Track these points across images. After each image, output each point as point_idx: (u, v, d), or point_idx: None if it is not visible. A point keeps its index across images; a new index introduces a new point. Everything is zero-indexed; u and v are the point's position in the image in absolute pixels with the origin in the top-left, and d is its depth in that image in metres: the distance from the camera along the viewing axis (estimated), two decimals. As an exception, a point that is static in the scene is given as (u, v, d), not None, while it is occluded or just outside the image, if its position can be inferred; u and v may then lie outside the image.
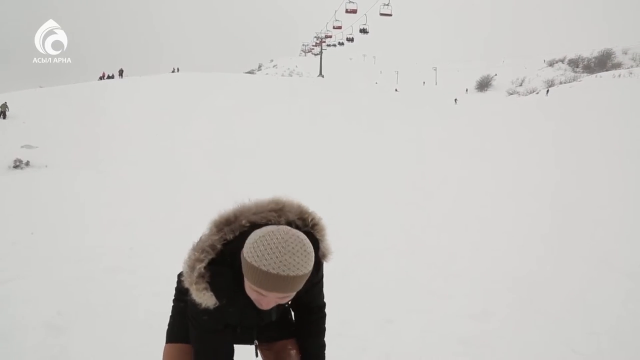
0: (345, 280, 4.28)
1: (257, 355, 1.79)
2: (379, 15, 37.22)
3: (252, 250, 1.28)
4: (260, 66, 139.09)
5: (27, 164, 17.71)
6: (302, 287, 1.49)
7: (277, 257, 1.25)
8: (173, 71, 52.44)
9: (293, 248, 1.28)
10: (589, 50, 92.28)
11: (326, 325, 1.74)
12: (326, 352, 1.62)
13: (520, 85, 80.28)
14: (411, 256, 5.02)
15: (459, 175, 10.13)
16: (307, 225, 1.54)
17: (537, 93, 45.99)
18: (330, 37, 54.63)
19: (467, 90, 78.72)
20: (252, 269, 1.27)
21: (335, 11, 44.41)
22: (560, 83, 59.62)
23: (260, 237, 1.30)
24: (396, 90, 53.88)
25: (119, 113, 25.00)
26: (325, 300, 1.74)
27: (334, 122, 21.29)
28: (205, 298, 1.39)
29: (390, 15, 37.11)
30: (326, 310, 1.74)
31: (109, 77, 43.84)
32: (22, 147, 19.76)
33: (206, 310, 1.43)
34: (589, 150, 13.32)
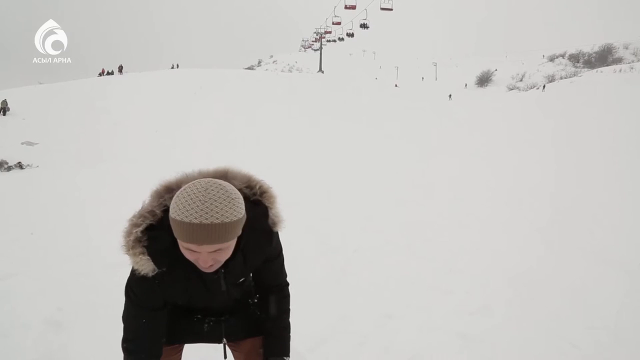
0: (344, 276, 4.29)
1: (225, 357, 1.70)
2: (379, 9, 37.02)
3: (174, 203, 1.23)
4: (259, 62, 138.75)
5: (19, 165, 17.74)
6: (260, 262, 1.53)
7: (197, 206, 1.20)
8: (172, 67, 52.34)
9: (215, 195, 1.22)
10: (590, 45, 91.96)
11: (291, 306, 1.68)
12: (323, 347, 1.60)
13: (521, 80, 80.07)
14: (411, 252, 5.02)
15: (458, 172, 10.13)
16: (255, 194, 1.47)
17: (538, 88, 45.87)
18: (330, 32, 54.48)
19: (466, 85, 78.47)
20: (176, 223, 1.22)
21: (335, 7, 44.26)
22: (561, 78, 59.46)
23: (181, 190, 1.24)
24: (396, 85, 53.80)
25: (119, 109, 24.98)
26: (288, 279, 1.70)
27: (334, 118, 21.27)
28: (142, 263, 1.33)
29: (391, 9, 36.92)
30: (290, 289, 1.70)
31: (108, 74, 43.76)
32: (22, 143, 19.77)
33: (144, 281, 1.36)
34: (589, 146, 13.31)
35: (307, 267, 4.35)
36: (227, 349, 1.69)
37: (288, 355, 1.65)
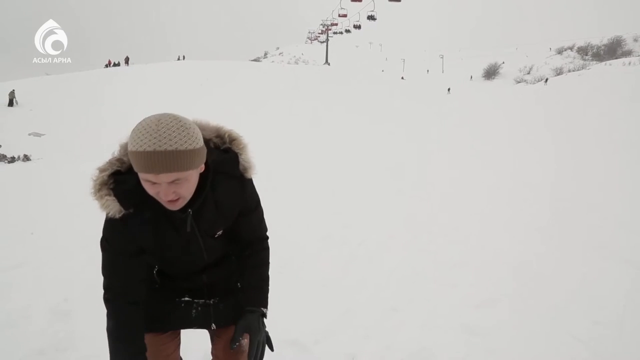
0: (348, 270, 4.29)
1: (214, 343, 1.70)
2: (387, 0, 36.66)
3: (130, 137, 1.25)
4: (266, 54, 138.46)
5: (26, 157, 17.85)
6: (236, 212, 1.53)
7: (150, 134, 1.20)
8: (179, 59, 52.32)
9: (168, 124, 1.22)
10: (599, 38, 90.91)
11: (270, 260, 1.68)
12: (328, 340, 1.58)
13: (528, 73, 79.40)
14: (414, 246, 5.01)
15: (459, 168, 10.08)
16: (225, 142, 1.49)
17: (545, 82, 45.47)
18: (336, 24, 54.23)
19: (471, 77, 77.91)
20: (132, 155, 1.23)
21: (341, 0, 44.04)
22: (569, 71, 58.92)
23: (137, 124, 1.26)
24: (402, 78, 53.63)
25: (126, 101, 25.04)
26: (268, 233, 1.69)
27: (338, 111, 21.20)
28: (108, 204, 1.34)
29: (399, 0, 36.55)
30: (269, 243, 1.68)
31: (115, 65, 43.82)
32: (29, 134, 19.91)
33: (114, 225, 1.38)
34: (591, 141, 13.21)
35: (311, 262, 4.37)
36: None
37: (266, 307, 1.62)
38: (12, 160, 17.71)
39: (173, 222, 1.43)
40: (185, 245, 1.49)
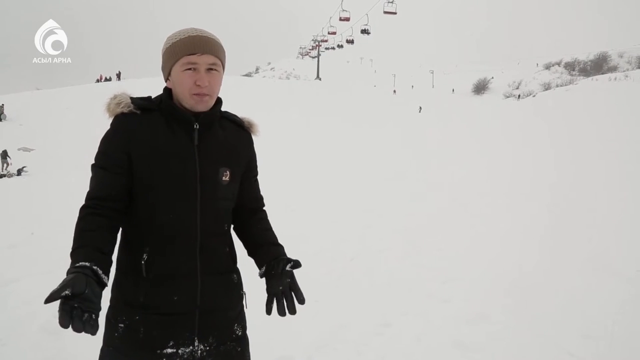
0: (341, 283, 4.28)
1: None
2: (382, 13, 36.91)
3: (169, 37, 1.45)
4: (257, 69, 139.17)
5: (19, 172, 17.65)
6: (242, 160, 1.54)
7: (189, 29, 1.44)
8: (170, 74, 52.39)
9: (200, 28, 1.46)
10: (585, 54, 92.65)
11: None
12: (321, 355, 1.54)
13: (517, 88, 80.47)
14: (407, 259, 5.02)
15: (454, 178, 10.15)
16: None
17: (534, 96, 46.07)
18: (326, 41, 54.80)
19: (453, 90, 78.67)
20: (177, 43, 1.41)
21: (330, 17, 44.77)
22: (557, 86, 59.79)
23: (172, 32, 1.47)
24: (394, 91, 54.31)
25: (116, 115, 24.94)
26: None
27: (330, 128, 21.27)
28: (122, 99, 1.43)
29: (395, 13, 36.81)
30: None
31: (106, 80, 43.78)
32: (19, 149, 19.76)
33: (119, 122, 1.42)
34: (585, 153, 13.36)
35: (304, 275, 4.34)
36: None
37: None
38: (1, 176, 17.54)
39: (176, 127, 1.43)
40: (180, 154, 1.41)
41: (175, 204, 1.39)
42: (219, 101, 1.51)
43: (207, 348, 1.44)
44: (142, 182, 1.39)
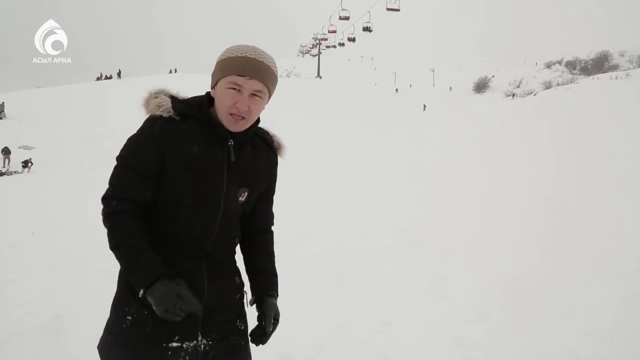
0: (342, 282, 4.28)
1: None
2: (385, 10, 36.78)
3: (226, 51, 1.41)
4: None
5: (26, 163, 17.66)
6: (265, 188, 1.56)
7: (250, 49, 1.40)
8: (170, 72, 52.40)
9: (262, 50, 1.42)
10: (586, 52, 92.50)
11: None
12: (321, 355, 1.56)
13: (518, 87, 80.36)
14: (407, 259, 5.02)
15: (454, 177, 10.15)
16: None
17: (535, 94, 46.03)
18: (326, 39, 54.76)
19: (450, 88, 78.42)
20: (229, 60, 1.38)
21: (330, 16, 44.84)
22: (558, 85, 59.71)
23: (231, 45, 1.43)
24: (396, 90, 54.35)
25: (117, 114, 24.96)
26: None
27: (332, 128, 21.24)
28: (162, 102, 1.39)
29: (398, 10, 36.65)
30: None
31: (106, 78, 43.78)
32: (19, 147, 19.76)
33: (154, 123, 1.38)
34: (585, 151, 13.35)
35: (304, 275, 4.34)
36: None
37: (277, 294, 1.64)
38: (1, 174, 17.56)
39: (211, 142, 1.42)
40: (211, 171, 1.42)
41: (195, 219, 1.43)
42: (256, 121, 1.49)
43: (210, 342, 1.49)
44: (167, 191, 1.42)
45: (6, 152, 19.23)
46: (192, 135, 1.40)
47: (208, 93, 1.46)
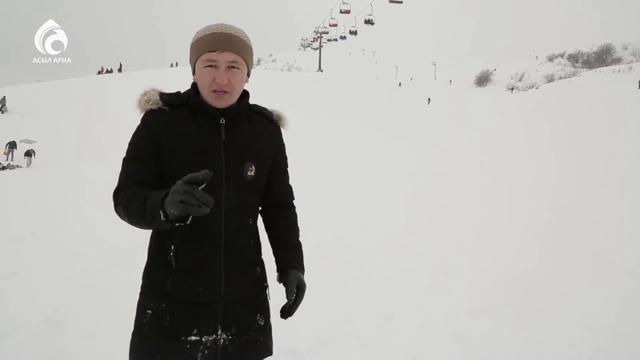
0: (343, 277, 4.28)
1: None
2: (388, 2, 36.56)
3: (196, 33, 1.45)
4: (259, 61, 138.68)
5: (29, 153, 17.64)
6: (269, 152, 1.56)
7: (217, 25, 1.44)
8: (172, 66, 52.29)
9: (228, 24, 1.45)
10: (589, 45, 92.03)
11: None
12: (323, 348, 1.56)
13: (520, 80, 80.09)
14: (409, 253, 5.01)
15: (456, 173, 10.13)
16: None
17: (537, 88, 45.85)
18: (327, 33, 54.59)
19: (450, 81, 78.20)
20: (199, 40, 1.42)
21: (331, 10, 44.72)
22: (560, 78, 59.47)
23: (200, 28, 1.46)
24: (400, 84, 54.13)
25: (118, 107, 24.94)
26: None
27: (332, 123, 21.20)
28: (151, 96, 1.46)
29: (401, 2, 36.48)
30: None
31: (107, 72, 43.72)
32: (21, 141, 19.78)
33: (148, 117, 1.44)
34: (585, 147, 13.31)
35: (306, 268, 4.33)
36: None
37: (303, 268, 1.63)
38: (4, 167, 17.59)
39: (203, 124, 1.45)
40: (208, 152, 1.42)
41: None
42: (245, 94, 1.53)
43: (230, 337, 1.49)
44: (169, 175, 1.42)
45: (12, 145, 19.31)
46: (184, 121, 1.44)
47: (194, 84, 1.49)
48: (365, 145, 15.02)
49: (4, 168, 17.56)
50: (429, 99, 36.31)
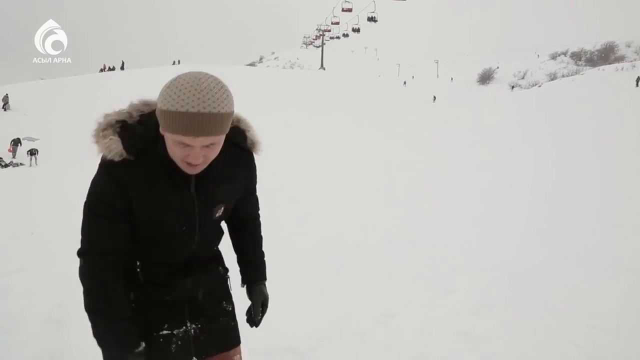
0: (344, 275, 4.27)
1: None
2: (391, 0, 36.54)
3: (165, 95, 1.16)
4: (261, 58, 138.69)
5: (31, 152, 17.68)
6: (241, 187, 1.47)
7: (193, 94, 1.13)
8: (174, 63, 52.31)
9: (209, 84, 1.16)
10: (592, 43, 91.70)
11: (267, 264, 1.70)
12: (324, 346, 1.58)
13: (523, 78, 79.87)
14: (411, 251, 5.00)
15: (457, 170, 10.11)
16: (232, 121, 1.37)
17: (540, 86, 45.72)
18: (330, 31, 54.53)
19: (452, 79, 78.00)
20: (170, 115, 1.15)
21: (334, 8, 44.78)
22: (563, 76, 59.28)
23: (170, 81, 1.18)
24: (405, 83, 53.97)
25: (120, 106, 24.96)
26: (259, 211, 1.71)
27: (334, 122, 21.15)
28: (111, 144, 1.24)
29: None
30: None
31: (109, 69, 43.76)
32: (23, 139, 19.82)
33: (110, 175, 1.26)
34: (586, 145, 13.28)
35: (308, 266, 4.35)
36: None
37: (266, 279, 1.70)
38: (6, 165, 17.62)
39: (174, 179, 1.32)
40: (180, 208, 1.37)
41: (172, 244, 1.44)
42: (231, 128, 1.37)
43: (200, 326, 1.54)
44: (139, 228, 1.38)
45: (16, 143, 19.38)
46: (152, 172, 1.30)
47: (159, 134, 1.26)
48: (367, 142, 14.99)
49: (6, 165, 17.60)
50: (435, 97, 36.30)
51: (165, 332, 1.48)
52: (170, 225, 1.39)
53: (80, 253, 1.38)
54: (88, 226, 1.35)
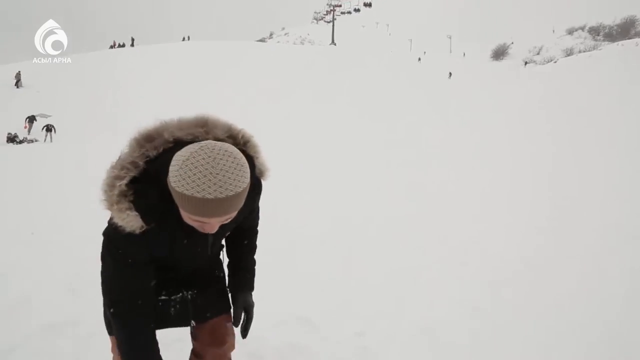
0: (345, 269, 4.15)
1: (194, 338, 1.72)
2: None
3: (180, 177, 1.12)
4: (271, 34, 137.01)
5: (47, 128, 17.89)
6: (241, 214, 1.44)
7: (209, 179, 1.11)
8: (183, 39, 51.97)
9: (224, 165, 1.12)
10: (611, 18, 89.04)
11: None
12: (333, 313, 1.60)
13: (538, 54, 78.15)
14: (411, 246, 4.83)
15: (459, 165, 9.86)
16: (239, 144, 1.37)
17: (555, 62, 44.71)
18: (341, 6, 53.61)
19: (464, 54, 76.38)
20: (186, 199, 1.13)
21: (345, -19, 43.66)
22: (579, 52, 57.87)
23: (184, 160, 1.13)
24: (419, 59, 52.94)
25: (131, 82, 24.99)
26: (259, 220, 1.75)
27: (344, 109, 20.77)
28: (129, 219, 1.23)
29: None
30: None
31: (120, 46, 43.64)
32: (37, 115, 20.01)
33: (130, 237, 1.26)
34: (590, 138, 12.96)
35: (309, 261, 4.23)
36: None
37: (253, 289, 1.76)
38: (20, 142, 17.86)
39: (192, 236, 1.36)
40: (195, 246, 1.46)
41: (182, 263, 1.56)
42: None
43: (195, 291, 1.66)
44: (156, 260, 1.45)
45: (31, 119, 19.58)
46: (172, 233, 1.35)
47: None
48: (373, 137, 14.54)
49: (21, 142, 17.82)
50: (450, 73, 35.60)
51: (163, 297, 1.60)
52: (185, 259, 1.52)
53: (114, 301, 1.39)
54: (117, 277, 1.37)
